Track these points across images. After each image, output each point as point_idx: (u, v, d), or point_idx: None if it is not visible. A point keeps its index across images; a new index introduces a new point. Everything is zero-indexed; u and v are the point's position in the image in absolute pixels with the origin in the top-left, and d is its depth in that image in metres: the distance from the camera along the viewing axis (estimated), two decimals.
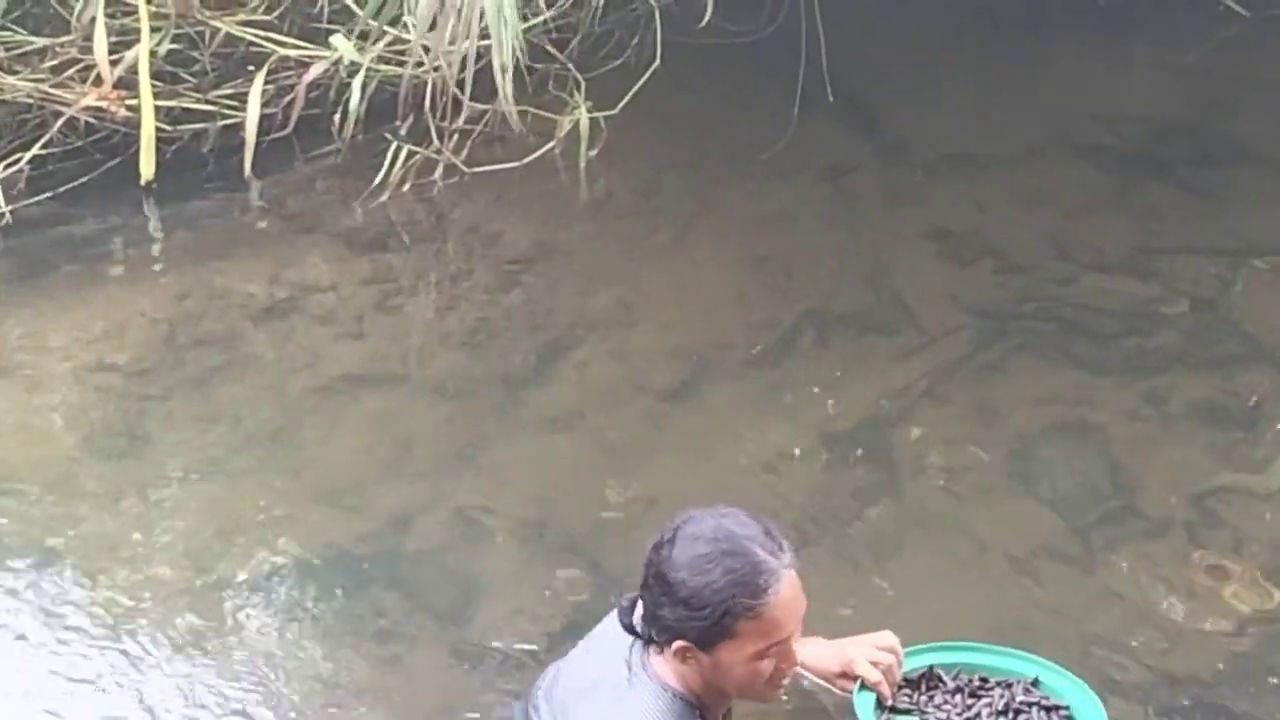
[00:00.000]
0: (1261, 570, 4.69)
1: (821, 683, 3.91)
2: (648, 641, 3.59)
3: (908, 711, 3.87)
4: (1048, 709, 3.88)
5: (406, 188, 6.33)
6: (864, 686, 3.84)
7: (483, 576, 4.67)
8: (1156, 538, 4.82)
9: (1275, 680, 4.37)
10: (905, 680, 3.91)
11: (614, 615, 3.67)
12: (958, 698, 3.90)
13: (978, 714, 3.86)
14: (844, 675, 3.87)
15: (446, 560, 4.73)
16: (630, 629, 3.61)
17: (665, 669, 3.58)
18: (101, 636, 4.45)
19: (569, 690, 3.70)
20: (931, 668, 3.94)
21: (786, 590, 3.50)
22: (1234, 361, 5.52)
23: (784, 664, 3.57)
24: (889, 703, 3.85)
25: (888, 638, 3.88)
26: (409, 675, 4.32)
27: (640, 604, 3.60)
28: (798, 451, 5.13)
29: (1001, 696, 3.89)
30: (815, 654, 3.88)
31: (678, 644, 3.50)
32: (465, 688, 4.26)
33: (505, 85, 6.15)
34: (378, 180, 6.30)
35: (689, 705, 3.57)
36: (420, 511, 4.90)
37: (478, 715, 4.14)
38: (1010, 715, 3.86)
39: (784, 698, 4.02)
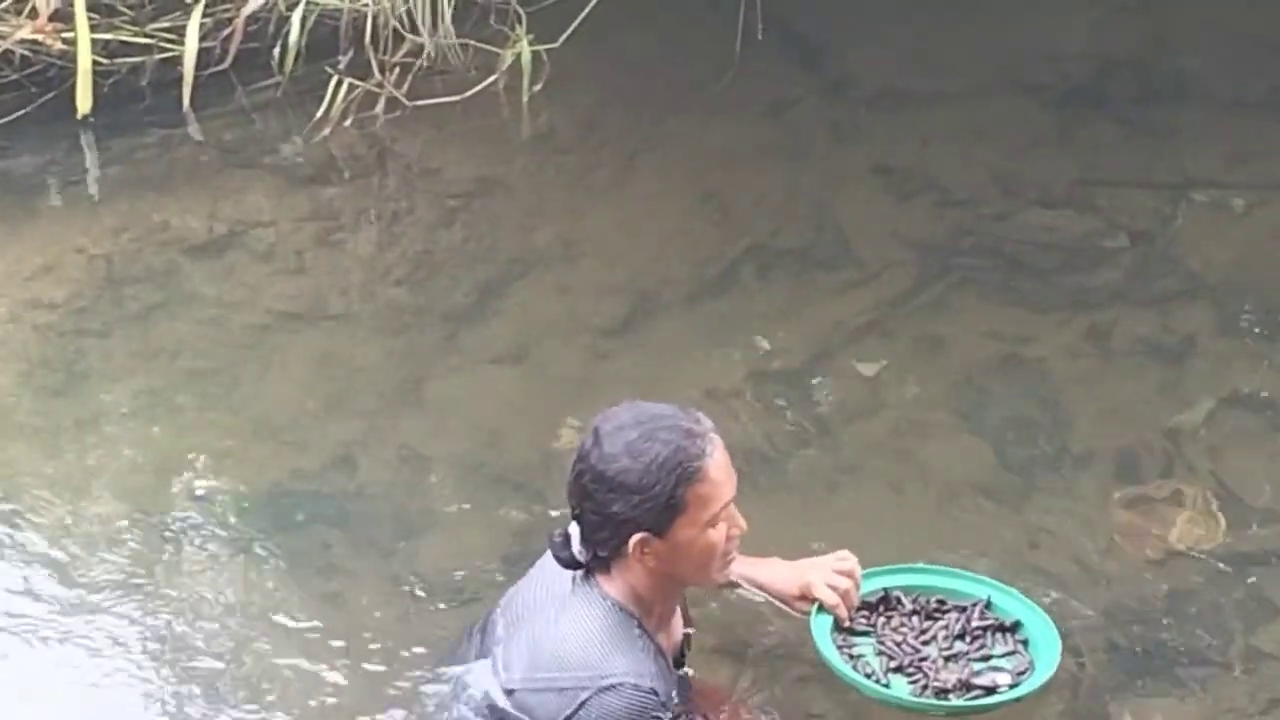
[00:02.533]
0: (1199, 503, 4.72)
1: (779, 604, 3.92)
2: (590, 567, 3.59)
3: (865, 634, 3.89)
4: (1002, 629, 3.91)
5: (348, 122, 6.28)
6: (821, 609, 3.85)
7: (426, 512, 4.67)
8: (1096, 472, 4.85)
9: (1211, 613, 4.40)
10: (863, 603, 3.93)
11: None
12: (914, 620, 3.93)
13: (934, 636, 3.90)
14: (802, 598, 3.89)
15: (390, 496, 4.72)
16: (569, 563, 3.61)
17: (608, 582, 3.59)
18: (40, 575, 4.42)
19: (523, 605, 3.72)
20: (888, 590, 3.96)
21: (718, 450, 3.56)
22: (1174, 297, 5.54)
23: (733, 529, 3.60)
24: (846, 625, 3.87)
25: (846, 560, 3.90)
26: (353, 611, 4.31)
27: (576, 530, 3.60)
28: (741, 386, 5.13)
29: (957, 620, 3.93)
30: (773, 575, 3.91)
31: (635, 539, 3.51)
32: (410, 623, 4.25)
33: (444, 19, 6.12)
34: (318, 115, 6.25)
35: (626, 615, 3.59)
36: (363, 448, 4.88)
37: (423, 649, 4.13)
38: (967, 639, 3.88)
39: (735, 620, 4.05)
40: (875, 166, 6.19)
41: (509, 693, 3.61)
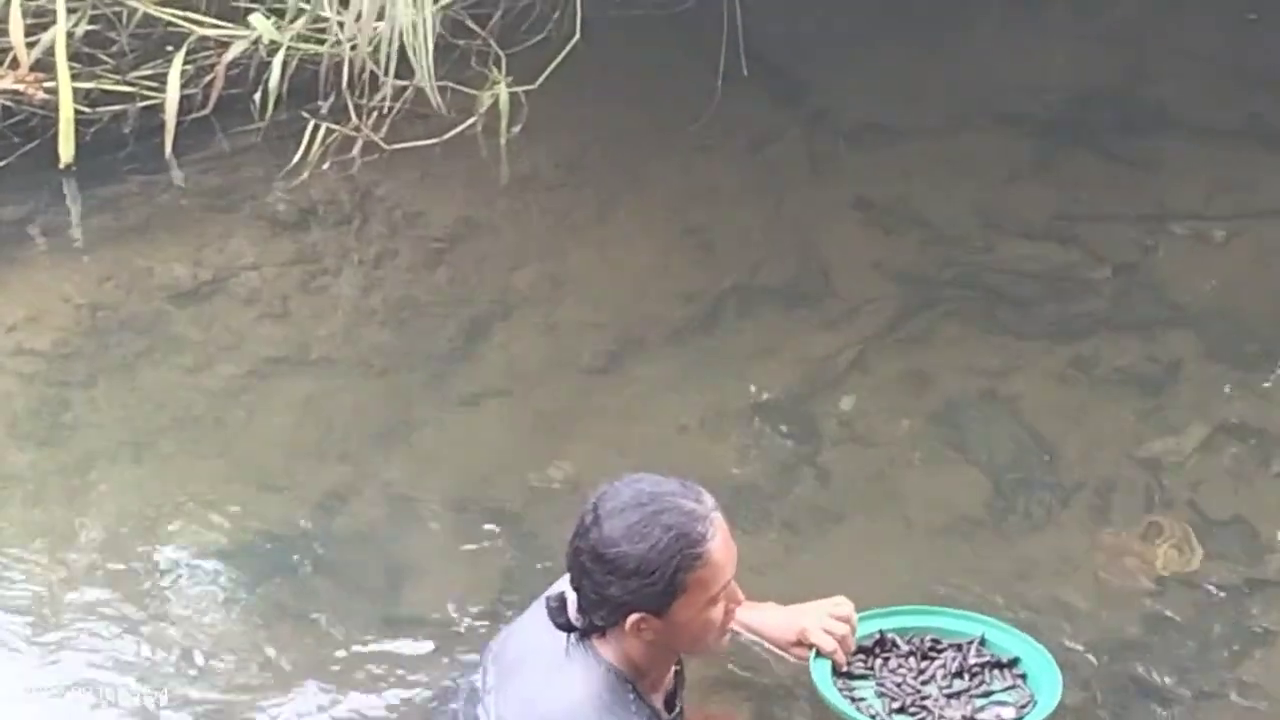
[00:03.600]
0: (1185, 532, 4.72)
1: (776, 650, 3.92)
2: (587, 633, 3.57)
3: (863, 677, 3.89)
4: (1000, 666, 3.91)
5: (327, 166, 6.29)
6: (819, 654, 3.85)
7: (413, 555, 4.66)
8: (1083, 503, 4.85)
9: (1199, 643, 4.41)
10: (858, 647, 3.93)
11: (565, 577, 3.66)
12: (911, 660, 3.92)
13: (933, 676, 3.89)
14: (799, 644, 3.87)
15: (377, 540, 4.71)
16: (566, 627, 3.59)
17: (603, 646, 3.57)
18: (27, 626, 4.41)
19: (515, 654, 3.70)
20: (883, 633, 3.96)
21: (720, 532, 3.52)
22: (1156, 326, 5.56)
23: (732, 604, 3.58)
24: (844, 669, 3.87)
25: (843, 605, 3.89)
26: (341, 655, 4.30)
27: (572, 597, 3.58)
28: (727, 423, 5.14)
29: (954, 658, 3.92)
30: (769, 621, 3.90)
31: (632, 618, 3.49)
32: (397, 666, 4.24)
33: (423, 63, 6.15)
34: (297, 159, 6.26)
35: (622, 680, 3.56)
36: (349, 492, 4.88)
37: (412, 693, 4.13)
38: (966, 676, 3.89)
39: (731, 658, 4.06)
40: (856, 200, 6.21)
41: None
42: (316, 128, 6.30)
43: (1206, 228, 6.01)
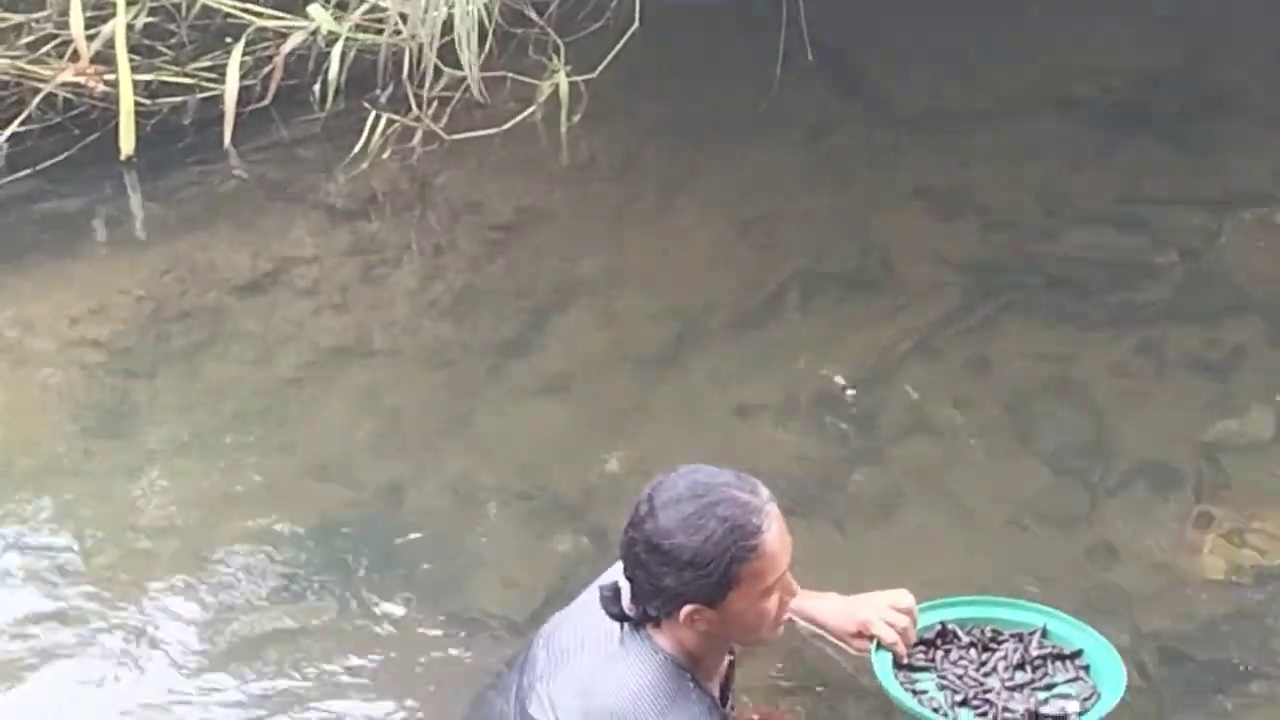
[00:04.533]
0: (1253, 520, 4.69)
1: (835, 641, 3.90)
2: (641, 623, 3.56)
3: (924, 669, 3.87)
4: (1062, 658, 3.88)
5: (387, 156, 6.30)
6: (880, 646, 3.83)
7: (475, 546, 4.66)
8: (1150, 491, 4.82)
9: (1266, 630, 4.37)
10: (919, 639, 3.91)
11: (617, 566, 3.65)
12: (972, 652, 3.90)
13: (994, 668, 3.86)
14: (860, 635, 3.86)
15: (438, 531, 4.71)
16: (620, 616, 3.58)
17: (659, 635, 3.57)
18: (94, 617, 4.43)
19: (567, 642, 3.68)
20: (944, 624, 3.93)
21: (775, 523, 3.51)
22: (1222, 312, 5.52)
23: (786, 595, 3.57)
24: (905, 661, 3.84)
25: (904, 598, 3.87)
26: (403, 648, 4.31)
27: (626, 587, 3.57)
28: (788, 413, 5.12)
29: (1015, 650, 3.90)
30: (830, 611, 3.88)
31: (687, 609, 3.48)
32: (460, 658, 4.24)
33: (469, 52, 6.16)
34: (357, 149, 6.27)
35: (679, 669, 3.56)
36: (411, 483, 4.88)
37: (473, 685, 4.12)
38: (1028, 668, 3.86)
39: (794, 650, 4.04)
40: (917, 188, 6.18)
41: None
42: (378, 118, 6.30)
43: (1272, 213, 5.97)
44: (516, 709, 3.67)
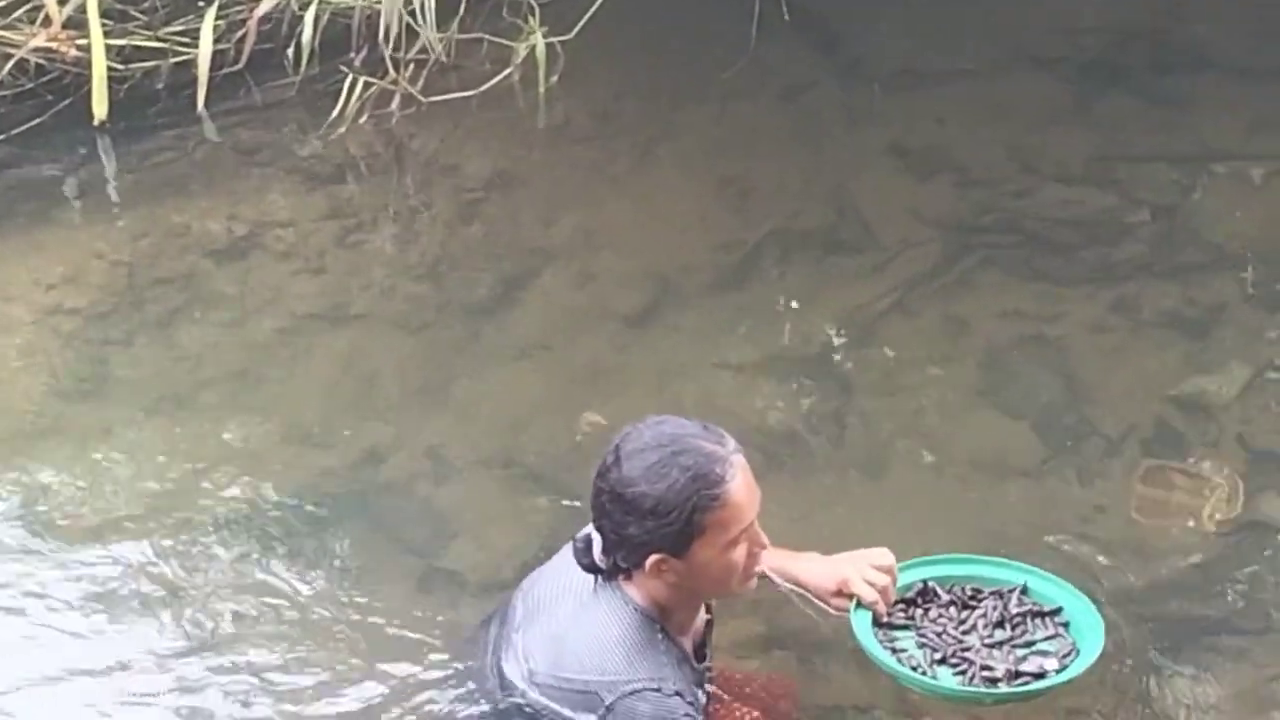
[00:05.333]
0: (1229, 474, 4.71)
1: (815, 600, 3.91)
2: (613, 574, 3.58)
3: (904, 627, 3.87)
4: (1042, 615, 3.89)
5: (363, 120, 6.28)
6: (860, 605, 3.84)
7: (453, 509, 4.67)
8: (1126, 446, 4.84)
9: (1247, 584, 4.39)
10: (899, 597, 3.91)
11: None
12: (951, 610, 3.90)
13: (974, 625, 3.86)
14: (839, 594, 3.86)
15: (417, 494, 4.72)
16: (591, 568, 3.60)
17: (630, 587, 3.58)
18: (72, 580, 4.42)
19: (543, 594, 3.71)
20: (925, 582, 3.94)
21: (741, 473, 3.52)
22: (1197, 269, 5.53)
23: (755, 547, 3.57)
24: (884, 620, 3.86)
25: (884, 556, 3.87)
26: (382, 610, 4.31)
27: (597, 539, 3.59)
28: (766, 371, 5.13)
29: (995, 607, 3.90)
30: (809, 571, 3.88)
31: (652, 559, 3.50)
32: (439, 620, 4.25)
33: (430, 13, 6.18)
34: (334, 113, 6.25)
35: (649, 620, 3.57)
36: (389, 447, 4.88)
37: (453, 647, 4.13)
38: (1007, 625, 3.87)
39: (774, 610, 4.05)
40: (893, 147, 6.18)
41: (532, 683, 3.61)
42: (353, 81, 6.28)
43: (1246, 167, 5.97)
44: (493, 660, 3.70)
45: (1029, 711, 3.92)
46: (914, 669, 3.76)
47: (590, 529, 3.63)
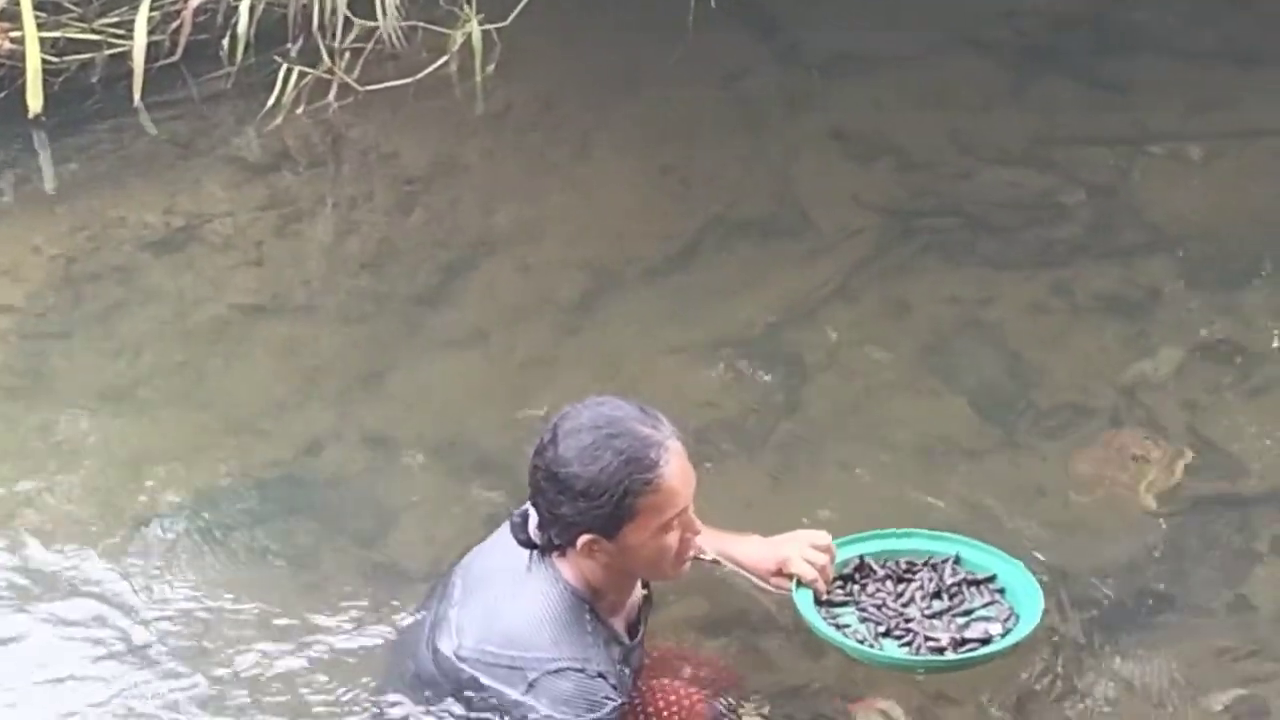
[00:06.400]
0: (1167, 453, 4.73)
1: (756, 581, 3.91)
2: (547, 550, 3.58)
3: (844, 604, 3.89)
4: (976, 583, 3.91)
5: (300, 110, 6.26)
6: (800, 584, 3.85)
7: (396, 499, 4.65)
8: (1066, 427, 4.86)
9: (1189, 563, 4.42)
10: (837, 574, 3.93)
11: None
12: (888, 584, 3.93)
13: (911, 598, 3.89)
14: (779, 574, 3.87)
15: (359, 485, 4.71)
16: (527, 543, 3.60)
17: (564, 565, 3.58)
18: (11, 580, 4.39)
19: (482, 569, 3.72)
20: (862, 558, 3.96)
21: (676, 459, 3.51)
22: (1135, 249, 5.56)
23: (688, 533, 3.58)
24: (824, 597, 3.86)
25: (822, 536, 3.90)
26: (326, 601, 4.29)
27: (533, 515, 3.59)
28: (708, 359, 5.13)
29: (930, 579, 3.92)
30: (749, 552, 3.89)
31: (583, 539, 3.50)
32: (382, 609, 4.23)
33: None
34: (270, 103, 6.22)
35: (579, 600, 3.58)
36: (331, 437, 4.87)
37: (397, 638, 4.11)
38: (944, 596, 3.89)
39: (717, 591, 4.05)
40: (832, 132, 6.19)
41: (461, 658, 3.61)
42: (289, 71, 6.25)
43: (1183, 149, 6.01)
44: (429, 637, 3.70)
45: (971, 682, 3.94)
46: (860, 642, 3.78)
47: (529, 504, 3.63)
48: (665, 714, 3.74)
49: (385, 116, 6.29)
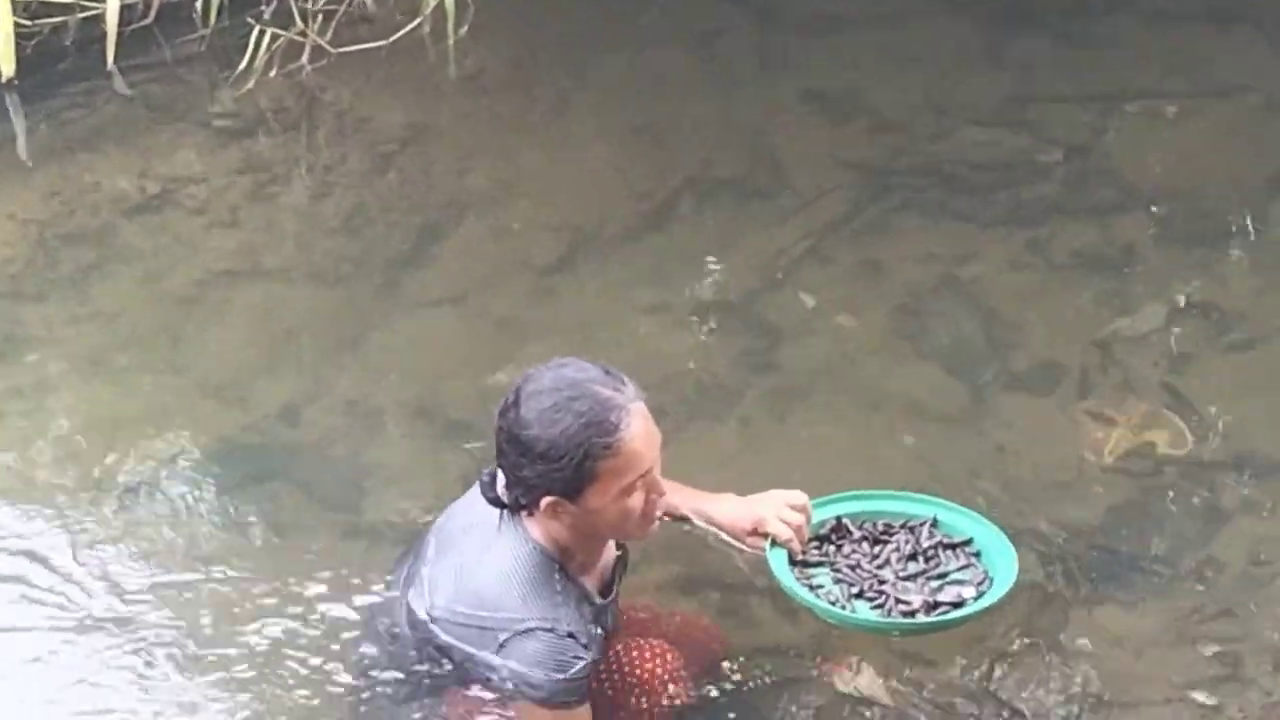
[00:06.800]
0: (1144, 412, 4.74)
1: (731, 540, 3.92)
2: (515, 510, 3.59)
3: (819, 564, 3.89)
4: (952, 546, 3.91)
5: (273, 73, 6.23)
6: (775, 544, 3.86)
7: (373, 462, 4.65)
8: (1044, 387, 4.87)
9: (1164, 522, 4.43)
10: (814, 535, 3.93)
11: None
12: (864, 545, 3.91)
13: (886, 560, 3.89)
14: (754, 533, 3.87)
15: (337, 448, 4.71)
16: (496, 502, 3.60)
17: (533, 525, 3.58)
18: None
19: (454, 528, 3.72)
20: (839, 519, 3.96)
21: (638, 421, 3.50)
22: (1111, 208, 5.57)
23: (652, 494, 3.57)
24: (799, 558, 3.87)
25: (799, 496, 3.89)
26: (303, 564, 4.29)
27: (501, 475, 3.60)
28: (683, 320, 5.13)
29: (906, 541, 3.92)
30: (725, 511, 3.89)
31: (546, 500, 3.51)
32: (360, 571, 4.22)
33: None
34: (242, 66, 6.20)
35: (548, 559, 3.58)
36: (307, 401, 4.86)
37: (374, 598, 4.12)
38: (920, 558, 3.89)
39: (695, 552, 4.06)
40: (807, 92, 6.18)
41: (433, 618, 3.62)
42: (261, 33, 6.23)
43: (1158, 107, 6.01)
44: (403, 596, 3.71)
45: (945, 644, 3.95)
46: (832, 603, 3.78)
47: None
48: (639, 673, 3.75)
49: (359, 79, 6.27)
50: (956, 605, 3.77)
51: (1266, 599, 4.20)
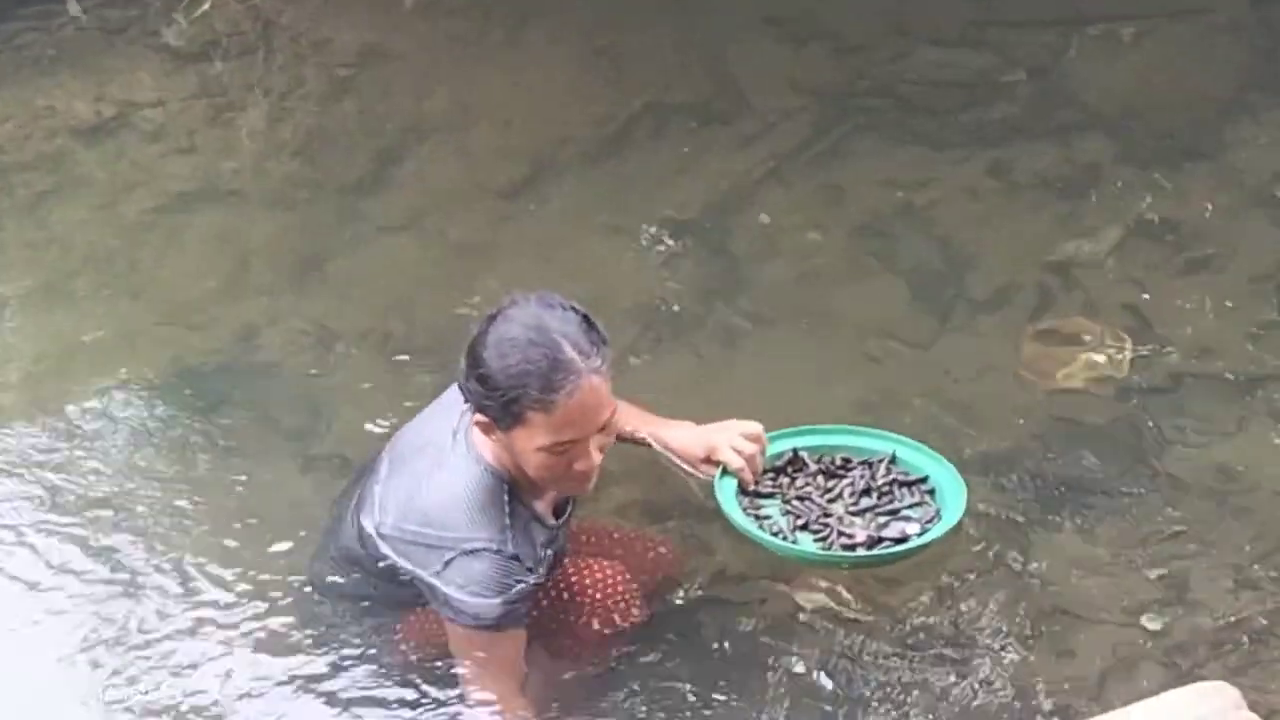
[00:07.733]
0: (1104, 334, 4.75)
1: (685, 467, 3.92)
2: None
3: (771, 495, 3.89)
4: (907, 484, 3.91)
5: None
6: (726, 472, 3.85)
7: (334, 387, 4.65)
8: (1005, 308, 4.88)
9: (1122, 442, 4.45)
10: (770, 466, 3.92)
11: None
12: (819, 479, 3.91)
13: (839, 494, 3.88)
14: (708, 461, 3.87)
15: (296, 373, 4.70)
16: (465, 392, 3.61)
17: (485, 446, 3.59)
18: None
19: (406, 446, 3.74)
20: (795, 451, 3.96)
21: (585, 394, 3.47)
22: (1071, 129, 5.56)
23: (580, 464, 3.56)
24: (751, 488, 3.87)
25: (753, 426, 3.88)
26: (262, 491, 4.29)
27: None
28: (643, 244, 5.12)
29: (862, 476, 3.91)
30: (680, 438, 3.89)
31: (477, 417, 3.52)
32: (318, 501, 4.22)
33: None
34: None
35: (498, 480, 3.59)
36: (266, 326, 4.86)
37: (328, 522, 4.11)
38: (873, 494, 3.89)
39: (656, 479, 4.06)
40: (767, 16, 6.13)
41: (382, 535, 3.63)
42: None
43: (1117, 29, 5.98)
44: (353, 514, 3.71)
45: (904, 571, 3.96)
46: (775, 534, 3.78)
47: None
48: (592, 593, 3.77)
49: (316, 3, 6.21)
50: (900, 541, 3.77)
51: (1223, 520, 4.22)
